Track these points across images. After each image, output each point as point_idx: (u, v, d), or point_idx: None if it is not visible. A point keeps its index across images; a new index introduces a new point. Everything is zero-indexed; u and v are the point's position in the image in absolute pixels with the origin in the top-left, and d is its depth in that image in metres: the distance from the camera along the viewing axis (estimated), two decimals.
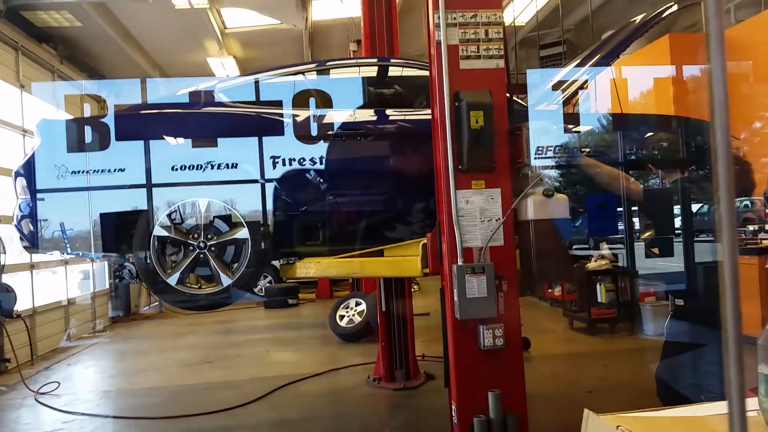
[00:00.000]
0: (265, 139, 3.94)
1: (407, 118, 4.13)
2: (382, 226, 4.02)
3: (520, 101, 3.95)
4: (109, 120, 4.15)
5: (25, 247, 4.15)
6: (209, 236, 3.80)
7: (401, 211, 4.02)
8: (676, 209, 3.69)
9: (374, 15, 5.71)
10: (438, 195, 3.04)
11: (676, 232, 3.64)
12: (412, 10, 8.24)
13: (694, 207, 3.88)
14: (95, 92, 10.70)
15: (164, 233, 3.77)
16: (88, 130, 4.13)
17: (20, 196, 4.07)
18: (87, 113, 4.16)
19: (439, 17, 2.91)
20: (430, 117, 3.15)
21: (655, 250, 3.61)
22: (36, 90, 8.52)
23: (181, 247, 3.82)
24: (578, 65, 4.02)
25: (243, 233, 3.79)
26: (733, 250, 0.97)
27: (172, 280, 3.76)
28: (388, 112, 4.18)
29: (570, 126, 3.99)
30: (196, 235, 3.79)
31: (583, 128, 4.05)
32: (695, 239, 3.47)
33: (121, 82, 10.56)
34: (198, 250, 3.78)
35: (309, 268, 3.92)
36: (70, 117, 6.40)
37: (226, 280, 3.77)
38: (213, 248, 3.79)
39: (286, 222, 3.90)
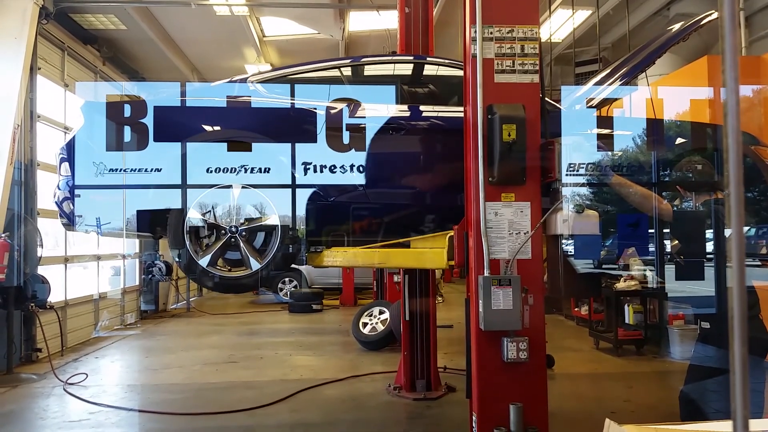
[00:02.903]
0: (297, 145, 4.03)
1: (441, 115, 4.19)
2: (411, 218, 4.08)
3: (554, 103, 3.96)
4: (148, 120, 4.27)
5: (64, 224, 4.29)
6: (240, 221, 3.92)
7: (432, 204, 4.07)
8: (709, 232, 3.64)
9: (410, 27, 5.76)
10: (467, 206, 3.06)
11: (707, 255, 3.59)
12: (449, 24, 8.30)
13: (727, 230, 3.83)
14: (135, 93, 11.01)
15: (198, 216, 3.90)
16: (127, 109, 4.24)
17: (62, 174, 4.20)
18: (127, 114, 4.28)
19: (475, 31, 2.95)
20: (459, 114, 3.19)
21: (682, 257, 3.57)
22: (79, 89, 8.82)
23: (213, 230, 3.94)
24: (617, 67, 4.03)
25: (273, 220, 3.89)
26: (741, 276, 0.99)
27: (204, 262, 3.88)
28: (422, 108, 4.24)
29: (604, 131, 3.99)
30: (228, 220, 3.91)
31: (617, 133, 4.03)
32: (728, 263, 3.42)
33: (160, 85, 10.84)
34: (229, 234, 3.89)
35: (336, 256, 3.99)
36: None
37: (255, 265, 3.87)
38: (244, 233, 3.89)
39: (316, 213, 3.98)
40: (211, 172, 3.96)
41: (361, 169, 3.93)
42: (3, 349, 6.55)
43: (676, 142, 4.17)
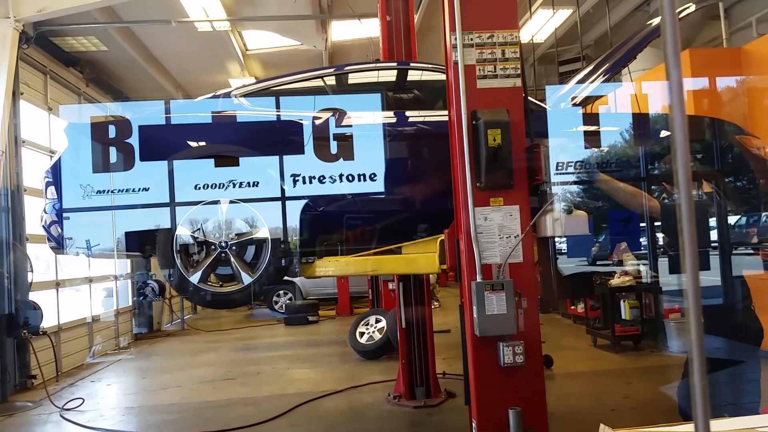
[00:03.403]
0: (285, 158, 4.02)
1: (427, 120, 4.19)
2: (403, 224, 4.07)
3: (538, 102, 3.97)
4: (133, 140, 4.24)
5: (52, 248, 4.26)
6: (230, 236, 3.89)
7: (423, 209, 4.06)
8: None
9: (392, 35, 5.78)
10: (456, 212, 3.06)
11: (700, 249, 3.60)
12: (430, 30, 8.33)
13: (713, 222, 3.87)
14: (120, 113, 10.95)
15: (188, 233, 3.87)
16: (112, 129, 4.20)
17: (48, 197, 4.16)
18: (112, 135, 4.26)
19: (456, 38, 2.96)
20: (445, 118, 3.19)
21: (672, 248, 3.59)
22: (63, 112, 8.76)
23: (203, 247, 3.91)
24: (599, 64, 4.06)
25: (263, 232, 3.87)
26: (694, 268, 1.00)
27: (195, 279, 3.85)
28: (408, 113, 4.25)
29: (589, 128, 4.01)
30: (218, 235, 3.89)
31: (603, 129, 4.05)
32: (711, 254, 3.44)
33: (145, 104, 10.80)
34: (219, 249, 3.86)
35: (328, 266, 3.97)
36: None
37: (247, 279, 3.84)
38: (234, 247, 3.87)
39: (307, 224, 3.97)
40: (200, 188, 3.95)
41: (350, 178, 3.93)
42: None
43: (661, 135, 4.20)
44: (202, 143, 4.22)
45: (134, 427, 5.49)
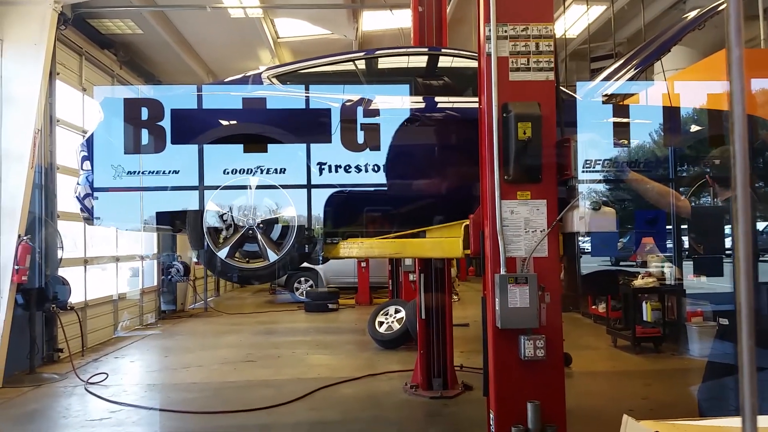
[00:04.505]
0: (312, 146, 4.06)
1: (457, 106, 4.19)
2: (429, 210, 4.09)
3: (569, 92, 3.94)
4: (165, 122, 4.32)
5: (85, 218, 4.38)
6: (259, 216, 3.97)
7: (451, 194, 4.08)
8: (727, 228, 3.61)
9: (424, 26, 5.78)
10: (483, 204, 3.06)
11: (726, 252, 3.56)
12: (462, 21, 8.28)
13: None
14: (151, 96, 11.10)
15: (217, 209, 3.96)
16: (144, 111, 4.28)
17: (83, 169, 4.27)
18: (144, 116, 4.34)
19: (490, 30, 2.95)
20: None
21: (701, 248, 3.55)
22: (97, 93, 8.93)
23: (232, 225, 3.99)
24: (631, 56, 4.01)
25: (290, 212, 3.93)
26: (748, 270, 1.00)
27: (222, 254, 3.93)
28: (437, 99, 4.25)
29: (620, 122, 3.96)
30: (246, 214, 3.96)
31: (633, 121, 4.00)
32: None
33: (176, 88, 10.94)
34: (247, 227, 3.93)
35: (352, 248, 4.01)
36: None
37: (272, 257, 3.91)
38: (261, 225, 3.94)
39: (334, 207, 4.01)
40: (228, 173, 4.01)
41: (376, 168, 3.95)
42: (26, 349, 6.65)
43: (692, 130, 4.13)
44: (232, 122, 4.27)
45: (156, 404, 5.62)
